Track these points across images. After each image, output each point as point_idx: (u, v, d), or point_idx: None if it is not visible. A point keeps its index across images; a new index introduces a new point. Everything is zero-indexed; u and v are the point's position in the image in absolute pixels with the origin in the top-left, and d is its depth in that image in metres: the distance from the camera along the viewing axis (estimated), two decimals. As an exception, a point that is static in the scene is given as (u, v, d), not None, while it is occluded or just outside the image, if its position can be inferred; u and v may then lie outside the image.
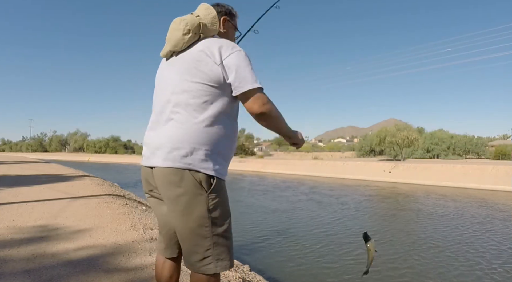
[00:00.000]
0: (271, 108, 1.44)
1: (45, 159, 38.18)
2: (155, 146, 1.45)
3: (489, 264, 5.72)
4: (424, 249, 6.53)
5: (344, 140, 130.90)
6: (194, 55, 1.43)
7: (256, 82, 1.41)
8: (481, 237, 7.61)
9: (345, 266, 5.46)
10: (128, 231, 3.86)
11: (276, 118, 1.48)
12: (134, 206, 5.90)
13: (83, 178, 11.05)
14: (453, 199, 13.84)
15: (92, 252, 3.06)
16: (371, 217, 10.19)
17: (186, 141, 1.38)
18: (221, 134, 1.43)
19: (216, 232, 1.42)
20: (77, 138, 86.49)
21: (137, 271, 2.62)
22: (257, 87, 1.41)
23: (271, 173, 28.25)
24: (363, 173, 23.75)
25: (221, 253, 1.43)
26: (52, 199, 6.02)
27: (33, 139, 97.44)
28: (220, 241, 1.43)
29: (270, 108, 1.43)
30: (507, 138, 66.26)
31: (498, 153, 36.65)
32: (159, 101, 1.50)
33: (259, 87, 1.42)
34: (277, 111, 1.48)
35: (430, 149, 41.90)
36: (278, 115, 1.48)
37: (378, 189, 17.55)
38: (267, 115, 1.44)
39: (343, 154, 53.38)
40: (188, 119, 1.39)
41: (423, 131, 46.59)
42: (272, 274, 4.97)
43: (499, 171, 18.34)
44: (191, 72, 1.41)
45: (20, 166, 17.44)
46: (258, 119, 1.46)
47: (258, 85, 1.41)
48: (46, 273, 2.53)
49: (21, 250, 3.08)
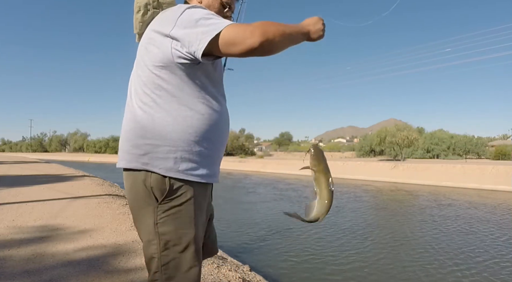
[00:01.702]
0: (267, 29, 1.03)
1: (45, 159, 38.17)
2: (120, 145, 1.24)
3: (489, 264, 5.71)
4: (423, 249, 6.52)
5: (344, 140, 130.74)
6: (146, 34, 1.19)
7: (220, 25, 1.05)
8: (481, 237, 7.60)
9: (345, 266, 5.46)
10: (128, 231, 3.85)
11: (284, 36, 1.06)
12: (134, 206, 5.89)
13: (83, 178, 11.05)
14: (453, 199, 13.83)
15: (92, 252, 3.06)
16: (371, 217, 10.18)
17: (144, 135, 1.13)
18: (193, 124, 1.14)
19: (165, 254, 1.13)
20: (77, 139, 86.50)
21: (137, 271, 2.62)
22: (225, 26, 1.05)
23: (271, 173, 28.21)
24: (363, 173, 23.75)
25: (171, 279, 1.13)
26: (52, 199, 6.02)
27: (33, 140, 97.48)
28: (172, 265, 1.13)
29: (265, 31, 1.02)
30: (507, 138, 66.30)
31: (498, 153, 36.68)
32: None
33: (228, 25, 1.05)
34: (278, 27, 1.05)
35: (430, 149, 41.91)
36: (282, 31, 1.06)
37: (378, 189, 17.55)
38: (271, 41, 1.03)
39: (343, 154, 53.35)
40: (145, 109, 1.14)
41: (423, 131, 46.65)
42: (272, 274, 4.96)
43: (499, 171, 18.33)
44: (142, 53, 1.17)
45: (20, 166, 17.43)
46: (262, 54, 1.06)
47: (225, 24, 1.06)
48: (46, 273, 2.53)
49: (21, 250, 3.08)
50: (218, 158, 1.27)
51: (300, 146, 65.48)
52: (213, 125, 1.20)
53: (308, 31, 1.15)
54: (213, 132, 1.20)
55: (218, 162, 1.29)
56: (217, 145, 1.24)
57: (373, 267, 5.46)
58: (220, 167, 1.33)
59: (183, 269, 1.14)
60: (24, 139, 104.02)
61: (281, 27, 1.06)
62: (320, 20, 1.18)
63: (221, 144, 1.26)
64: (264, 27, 1.03)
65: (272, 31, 1.03)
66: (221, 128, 1.24)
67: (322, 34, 1.18)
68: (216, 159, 1.26)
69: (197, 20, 1.08)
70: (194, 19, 1.08)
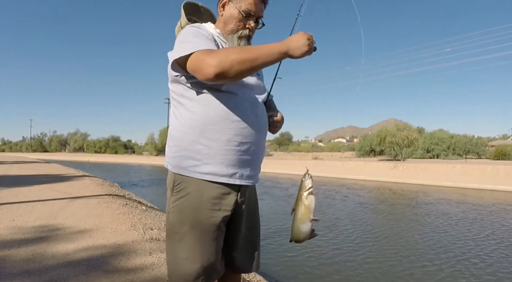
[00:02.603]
0: (225, 59, 1.10)
1: (45, 159, 38.15)
2: None
3: (489, 263, 5.71)
4: (423, 249, 6.52)
5: (344, 140, 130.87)
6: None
7: (188, 49, 1.16)
8: (481, 237, 7.60)
9: (345, 266, 5.46)
10: (128, 231, 3.85)
11: (245, 63, 1.11)
12: (134, 206, 5.89)
13: (83, 178, 11.04)
14: (453, 199, 13.83)
15: (92, 252, 3.06)
16: (371, 217, 10.18)
17: (168, 140, 1.36)
18: (191, 124, 1.26)
19: (168, 241, 1.30)
20: (77, 138, 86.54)
21: (137, 271, 2.62)
22: (188, 53, 1.16)
23: (271, 172, 28.20)
24: (363, 172, 23.75)
25: (170, 264, 1.29)
26: (52, 199, 6.01)
27: (33, 140, 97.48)
28: (172, 253, 1.28)
29: (221, 62, 1.10)
30: (507, 138, 66.26)
31: (498, 153, 36.69)
32: None
33: (193, 52, 1.15)
34: (239, 55, 1.10)
35: (430, 149, 41.90)
36: (243, 59, 1.10)
37: (378, 189, 17.55)
38: (228, 71, 1.10)
39: (343, 154, 53.36)
40: (170, 119, 1.37)
41: (423, 131, 46.65)
42: (272, 274, 4.96)
43: (499, 171, 18.34)
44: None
45: (20, 166, 17.43)
46: (222, 82, 1.17)
47: (190, 50, 1.16)
48: (46, 274, 2.53)
49: (21, 250, 3.08)
50: (228, 157, 1.26)
51: (300, 146, 65.52)
52: (213, 125, 1.25)
53: (287, 49, 1.13)
54: (213, 131, 1.25)
55: (234, 161, 1.27)
56: (222, 144, 1.25)
57: (373, 267, 5.46)
58: (253, 168, 1.35)
59: (178, 259, 1.25)
60: (24, 139, 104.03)
61: (243, 54, 1.11)
62: (305, 36, 1.14)
63: (229, 142, 1.25)
64: (222, 58, 1.10)
65: (229, 60, 1.09)
66: (226, 126, 1.25)
67: (307, 50, 1.14)
68: (226, 158, 1.26)
69: (177, 42, 1.26)
70: (177, 40, 1.27)
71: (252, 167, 1.34)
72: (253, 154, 1.32)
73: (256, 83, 1.37)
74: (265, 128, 1.39)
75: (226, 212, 1.29)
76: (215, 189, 1.27)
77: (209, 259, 1.26)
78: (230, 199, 1.30)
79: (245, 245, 1.39)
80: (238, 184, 1.30)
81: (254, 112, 1.31)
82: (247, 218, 1.39)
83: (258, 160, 1.37)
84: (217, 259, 1.29)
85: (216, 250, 1.28)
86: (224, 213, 1.29)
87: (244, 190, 1.34)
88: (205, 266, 1.25)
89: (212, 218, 1.26)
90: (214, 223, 1.27)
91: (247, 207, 1.38)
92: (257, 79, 1.38)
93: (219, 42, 1.33)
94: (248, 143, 1.28)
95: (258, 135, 1.32)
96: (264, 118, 1.38)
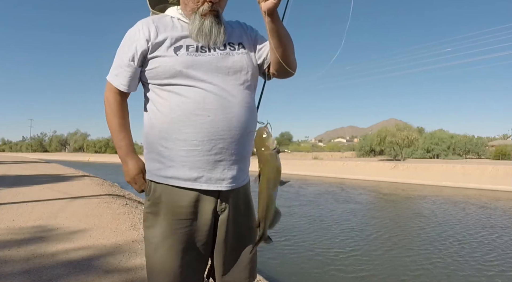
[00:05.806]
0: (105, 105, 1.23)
1: (45, 159, 38.15)
2: None
3: (489, 264, 5.71)
4: (422, 249, 6.52)
5: (344, 140, 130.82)
6: None
7: (110, 72, 1.22)
8: (481, 237, 7.60)
9: (344, 266, 5.46)
10: (128, 231, 3.85)
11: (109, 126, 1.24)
12: (134, 206, 5.90)
13: (83, 178, 11.05)
14: (452, 199, 13.83)
15: (92, 252, 3.06)
16: (371, 217, 10.17)
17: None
18: (152, 124, 1.19)
19: (145, 250, 1.21)
20: (77, 138, 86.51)
21: (137, 271, 2.62)
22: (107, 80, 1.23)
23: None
24: (363, 172, 23.73)
25: (147, 273, 1.20)
26: (52, 199, 6.02)
27: (33, 140, 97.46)
28: (148, 263, 1.18)
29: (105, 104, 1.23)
30: (507, 138, 66.27)
31: (498, 153, 36.67)
32: None
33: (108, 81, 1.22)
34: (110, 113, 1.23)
35: (430, 149, 41.88)
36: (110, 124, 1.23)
37: (377, 189, 17.54)
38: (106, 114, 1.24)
39: (343, 154, 53.33)
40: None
41: (423, 131, 46.59)
42: (272, 274, 4.96)
43: (499, 171, 18.33)
44: None
45: (20, 166, 17.43)
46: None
47: (108, 77, 1.23)
48: (46, 273, 2.53)
49: (21, 250, 3.08)
50: (189, 158, 1.11)
51: (300, 146, 65.48)
52: (168, 123, 1.12)
53: (123, 163, 1.24)
54: (170, 130, 1.12)
55: (198, 162, 1.12)
56: (180, 144, 1.11)
57: (373, 266, 5.46)
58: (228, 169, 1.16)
59: (152, 269, 1.15)
60: (24, 139, 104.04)
61: (110, 123, 1.23)
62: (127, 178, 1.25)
63: (187, 142, 1.11)
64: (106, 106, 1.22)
65: (106, 112, 1.22)
66: (182, 124, 1.11)
67: (129, 180, 1.24)
68: (187, 159, 1.11)
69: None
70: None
71: (225, 168, 1.15)
72: (224, 153, 1.13)
73: (217, 68, 1.14)
74: (241, 120, 1.15)
75: (202, 220, 1.15)
76: (184, 196, 1.13)
77: (181, 273, 1.12)
78: (206, 206, 1.15)
79: (233, 255, 1.22)
80: (214, 190, 1.14)
81: (219, 104, 1.11)
82: (235, 226, 1.21)
83: (234, 158, 1.16)
84: (192, 271, 1.16)
85: (190, 262, 1.14)
86: (201, 221, 1.15)
87: (225, 195, 1.17)
88: (178, 280, 1.13)
89: (186, 228, 1.13)
90: (188, 233, 1.13)
91: (233, 214, 1.20)
92: (221, 60, 1.16)
93: (179, 26, 1.20)
94: (213, 140, 1.11)
95: (230, 131, 1.12)
96: (239, 108, 1.15)
